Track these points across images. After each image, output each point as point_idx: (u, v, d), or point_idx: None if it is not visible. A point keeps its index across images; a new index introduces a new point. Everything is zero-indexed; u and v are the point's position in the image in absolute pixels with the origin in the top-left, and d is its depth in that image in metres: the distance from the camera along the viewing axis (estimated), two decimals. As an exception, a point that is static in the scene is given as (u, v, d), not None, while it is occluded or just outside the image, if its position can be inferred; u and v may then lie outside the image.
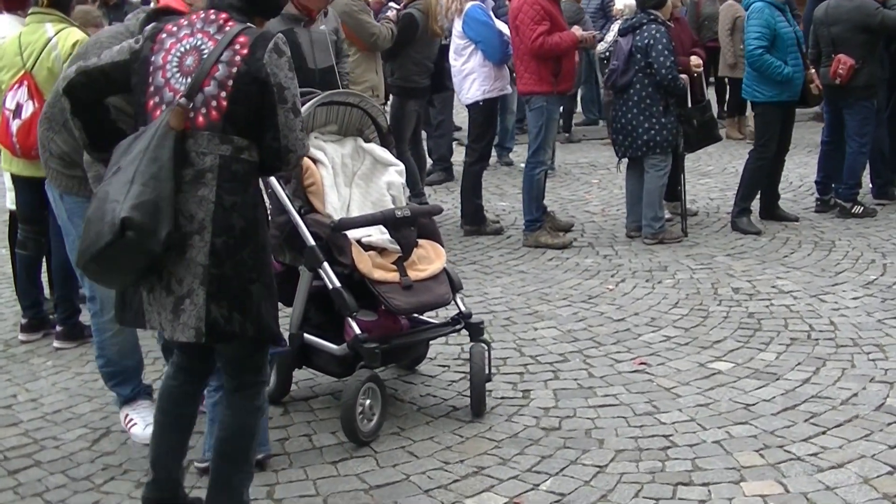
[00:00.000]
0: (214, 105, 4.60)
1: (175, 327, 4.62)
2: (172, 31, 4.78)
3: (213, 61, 4.61)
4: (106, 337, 6.27)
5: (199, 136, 4.59)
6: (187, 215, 4.57)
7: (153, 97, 4.68)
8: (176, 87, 4.63)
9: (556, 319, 8.17)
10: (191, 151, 4.58)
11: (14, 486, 5.82)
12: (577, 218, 11.52)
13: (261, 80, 4.63)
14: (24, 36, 7.67)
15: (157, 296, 4.65)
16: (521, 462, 5.78)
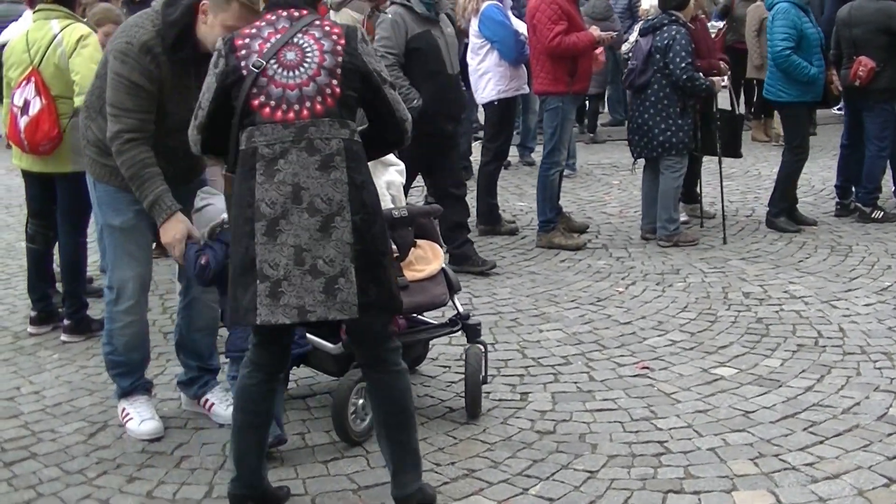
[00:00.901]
0: (329, 92, 4.84)
1: (330, 307, 4.77)
2: (253, 34, 4.94)
3: (318, 52, 4.86)
4: (116, 327, 6.24)
5: (321, 122, 4.82)
6: (325, 199, 4.78)
7: (259, 96, 4.83)
8: (282, 81, 4.83)
9: (562, 321, 8.12)
10: (315, 139, 4.80)
11: (9, 477, 5.84)
12: (594, 219, 11.48)
13: (361, 68, 4.94)
14: (31, 33, 7.73)
15: (296, 282, 4.76)
16: (512, 465, 5.74)
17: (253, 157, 4.80)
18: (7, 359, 7.75)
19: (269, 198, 4.75)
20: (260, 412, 5.20)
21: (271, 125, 4.79)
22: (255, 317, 4.78)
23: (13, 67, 7.84)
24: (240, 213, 4.84)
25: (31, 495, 5.63)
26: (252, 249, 4.77)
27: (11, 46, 7.93)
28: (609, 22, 14.91)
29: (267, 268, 4.75)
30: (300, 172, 4.76)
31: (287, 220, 4.75)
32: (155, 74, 5.64)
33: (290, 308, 4.76)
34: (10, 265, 10.35)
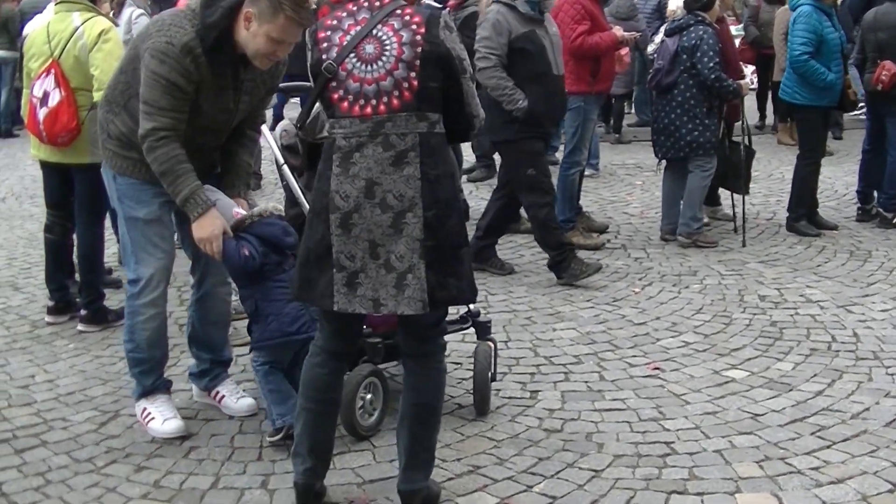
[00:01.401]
0: (406, 86, 4.80)
1: (399, 301, 4.82)
2: (334, 26, 4.94)
3: (397, 44, 4.82)
4: (138, 321, 6.23)
5: (397, 118, 4.81)
6: (397, 195, 4.80)
7: (338, 90, 4.87)
8: (360, 75, 4.83)
9: (576, 321, 8.14)
10: (391, 134, 4.81)
11: (19, 464, 5.90)
12: (615, 219, 11.49)
13: (443, 56, 4.86)
14: (52, 25, 7.78)
15: (372, 274, 4.84)
16: (517, 463, 5.76)
17: (331, 148, 4.88)
18: (23, 347, 7.82)
19: (343, 190, 4.82)
20: (335, 399, 5.31)
21: (349, 119, 4.84)
22: (332, 304, 4.87)
23: (34, 58, 7.89)
24: (318, 198, 4.93)
25: (40, 482, 5.68)
26: (328, 238, 4.85)
27: (32, 37, 7.98)
28: (633, 22, 14.89)
29: (344, 259, 4.84)
30: (374, 167, 4.80)
31: (360, 214, 4.81)
32: (194, 75, 5.63)
33: (365, 299, 4.86)
34: (31, 255, 10.43)
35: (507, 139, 9.06)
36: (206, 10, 5.59)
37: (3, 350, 7.77)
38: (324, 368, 5.18)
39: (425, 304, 4.84)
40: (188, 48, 5.57)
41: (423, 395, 5.14)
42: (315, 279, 4.92)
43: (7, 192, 14.03)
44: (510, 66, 8.89)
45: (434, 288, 4.84)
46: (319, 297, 4.93)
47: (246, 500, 5.42)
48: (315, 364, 5.19)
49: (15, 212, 12.75)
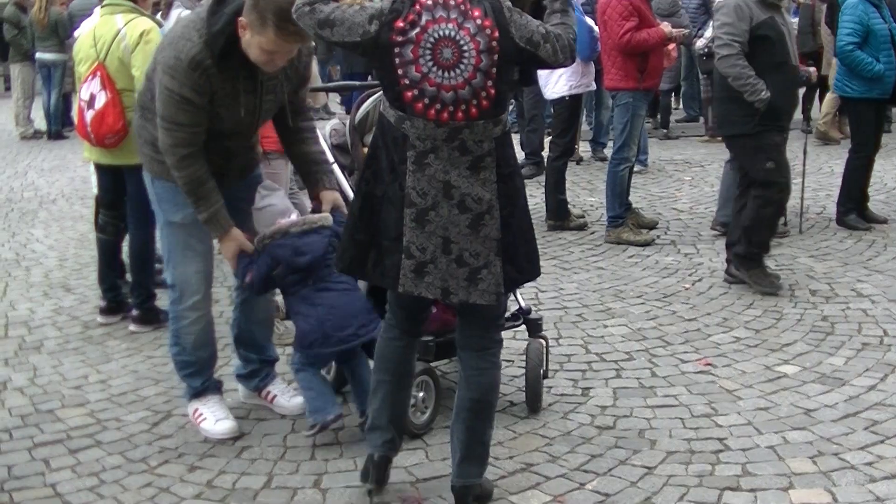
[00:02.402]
0: (484, 95, 4.80)
1: (471, 292, 4.93)
2: (413, 21, 4.78)
3: (475, 52, 4.76)
4: (183, 325, 6.25)
5: (475, 126, 4.82)
6: (476, 198, 4.86)
7: (411, 90, 4.78)
8: (437, 80, 4.76)
9: (627, 317, 8.12)
10: (467, 140, 4.83)
11: (73, 464, 5.94)
12: (664, 215, 11.46)
13: (516, 52, 4.85)
14: (98, 28, 7.85)
15: (442, 266, 4.90)
16: (570, 460, 5.75)
17: (404, 144, 4.85)
18: (76, 348, 7.87)
19: (420, 188, 4.84)
20: (410, 371, 5.48)
21: (424, 121, 4.79)
22: (398, 285, 4.95)
23: (82, 62, 7.96)
24: (392, 188, 4.91)
25: (94, 482, 5.71)
26: (401, 227, 4.89)
27: (80, 42, 8.06)
28: (676, 17, 14.84)
29: (414, 249, 4.89)
30: (451, 171, 4.83)
31: (437, 212, 4.85)
32: (206, 87, 5.58)
33: (433, 286, 4.94)
34: (83, 255, 10.51)
35: (745, 133, 8.76)
36: (211, 18, 5.53)
37: (56, 351, 7.82)
38: (399, 342, 5.34)
39: (499, 296, 4.99)
40: (196, 62, 5.50)
41: (480, 389, 5.18)
42: (377, 259, 5.00)
43: (57, 194, 14.14)
44: (750, 55, 8.63)
45: (510, 279, 5.03)
46: (382, 277, 5.02)
47: (299, 500, 5.43)
48: (390, 338, 5.34)
49: (65, 213, 12.84)
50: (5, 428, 6.45)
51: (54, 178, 15.45)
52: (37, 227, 12.11)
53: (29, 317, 8.67)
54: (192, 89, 5.53)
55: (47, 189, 14.57)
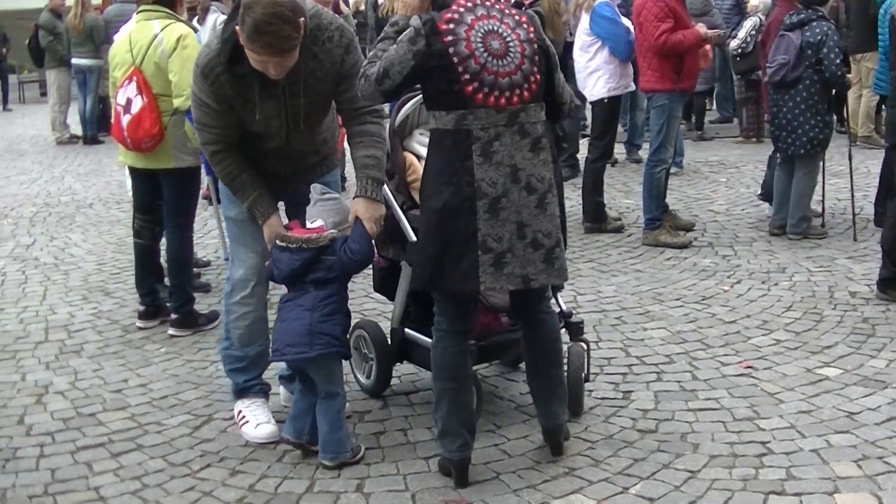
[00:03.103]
0: (532, 80, 5.29)
1: (550, 274, 5.35)
2: (457, 20, 5.20)
3: (518, 42, 5.29)
4: (231, 318, 6.31)
5: (528, 108, 5.28)
6: (539, 178, 5.28)
7: (471, 83, 5.15)
8: (493, 69, 5.18)
9: (666, 320, 8.10)
10: (525, 123, 5.26)
11: (115, 468, 5.97)
12: (700, 217, 11.42)
13: (547, 52, 5.45)
14: (134, 34, 7.89)
15: (519, 254, 5.24)
16: (613, 464, 5.73)
17: (468, 139, 5.15)
18: (116, 352, 7.91)
19: (489, 178, 5.15)
20: (469, 374, 5.69)
21: (485, 110, 5.15)
22: (479, 284, 5.21)
23: (117, 67, 8.00)
24: (456, 191, 5.17)
25: (137, 486, 5.74)
26: (473, 224, 5.16)
27: (116, 47, 8.11)
28: (708, 17, 14.80)
29: (491, 241, 5.17)
30: (515, 154, 5.20)
31: (508, 198, 5.18)
32: (220, 93, 5.63)
33: (514, 276, 5.25)
34: (120, 260, 10.55)
35: None
36: (226, 26, 5.56)
37: (96, 355, 7.85)
38: (456, 348, 5.52)
39: (567, 274, 5.51)
40: (207, 69, 5.58)
41: (547, 337, 5.70)
42: (453, 265, 5.20)
43: (94, 198, 14.20)
44: None
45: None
46: (461, 281, 5.22)
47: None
48: (447, 346, 5.51)
49: (103, 217, 12.90)
50: (48, 431, 6.49)
51: (91, 182, 15.53)
52: (74, 231, 12.17)
53: (69, 321, 8.71)
54: (207, 95, 5.66)
55: (84, 193, 14.64)
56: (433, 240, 5.23)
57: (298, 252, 5.70)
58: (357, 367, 6.85)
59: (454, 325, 5.49)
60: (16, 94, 29.06)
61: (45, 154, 18.88)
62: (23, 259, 10.92)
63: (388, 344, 6.60)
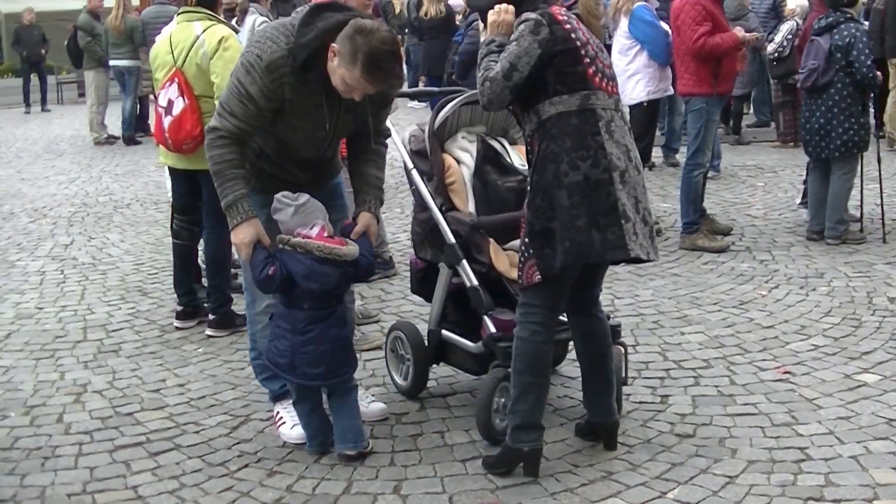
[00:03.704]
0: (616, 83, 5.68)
1: (652, 251, 5.58)
2: (566, 14, 5.59)
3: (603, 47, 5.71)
4: (257, 329, 6.31)
5: (619, 99, 5.66)
6: (637, 160, 5.58)
7: (591, 66, 5.47)
8: (603, 60, 5.57)
9: (704, 324, 8.07)
10: (622, 110, 5.65)
11: (153, 467, 5.99)
12: (738, 221, 11.37)
13: None
14: (175, 35, 7.90)
15: (638, 227, 5.45)
16: (650, 469, 5.72)
17: (594, 117, 5.39)
18: (153, 352, 7.94)
19: (616, 152, 5.39)
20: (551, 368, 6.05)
21: (602, 93, 5.45)
22: (629, 251, 5.41)
23: (159, 69, 8.02)
24: (593, 164, 5.34)
25: (175, 485, 5.76)
26: (614, 194, 5.35)
27: (157, 48, 8.13)
28: (744, 21, 14.75)
29: (628, 209, 5.39)
30: (625, 136, 5.49)
31: (628, 173, 5.43)
32: (277, 93, 5.54)
33: (643, 247, 5.50)
34: (158, 260, 10.61)
35: None
36: (302, 28, 5.48)
37: (133, 354, 7.89)
38: (548, 344, 5.64)
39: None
40: (274, 66, 5.46)
41: (604, 337, 5.86)
42: (601, 237, 5.33)
43: (132, 199, 14.27)
44: None
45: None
46: (611, 251, 5.39)
47: (378, 506, 5.46)
48: (540, 342, 5.60)
49: (140, 217, 12.96)
50: (86, 430, 6.52)
51: (128, 182, 15.60)
52: (112, 231, 12.24)
53: (107, 320, 8.76)
54: (260, 90, 5.50)
55: (122, 194, 14.71)
56: (581, 212, 5.31)
57: (343, 265, 5.66)
58: (393, 369, 6.87)
59: (550, 318, 5.62)
60: (54, 95, 29.18)
61: (83, 154, 18.97)
62: (61, 259, 10.99)
63: (426, 345, 6.59)
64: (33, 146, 20.37)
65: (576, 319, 5.89)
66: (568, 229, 5.33)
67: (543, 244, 5.40)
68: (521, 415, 5.56)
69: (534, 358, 5.58)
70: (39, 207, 13.91)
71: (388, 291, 8.92)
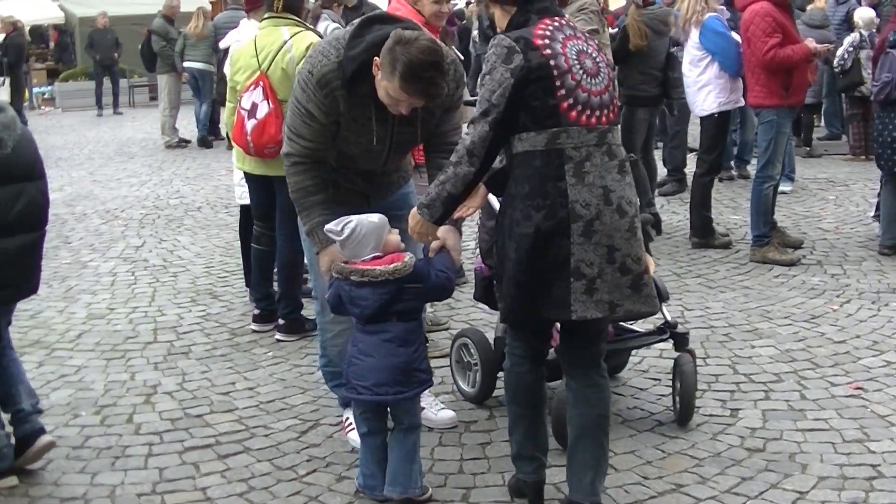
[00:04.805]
0: (615, 103, 5.12)
1: (636, 301, 5.03)
2: (549, 35, 4.98)
3: (604, 65, 5.11)
4: (328, 337, 6.32)
5: (613, 130, 5.05)
6: (628, 201, 4.99)
7: (567, 99, 4.89)
8: (588, 87, 4.95)
9: (774, 338, 8.01)
10: (612, 144, 5.00)
11: (223, 469, 6.06)
12: (809, 235, 11.27)
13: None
14: (260, 39, 7.92)
15: (608, 278, 4.92)
16: (720, 482, 5.69)
17: (559, 159, 4.87)
18: (224, 354, 8.01)
19: (583, 199, 4.85)
20: (544, 398, 5.48)
21: (578, 128, 4.89)
22: (570, 313, 4.91)
23: (240, 71, 8.06)
24: (548, 214, 4.86)
25: (244, 488, 5.81)
26: (566, 249, 4.86)
27: (239, 51, 8.18)
28: (825, 31, 14.64)
29: (584, 266, 4.87)
30: (606, 176, 4.91)
31: (601, 220, 4.87)
32: (332, 107, 5.55)
33: (602, 303, 4.93)
34: (228, 263, 10.67)
35: None
36: (352, 41, 5.48)
37: (203, 357, 7.96)
38: (531, 374, 5.32)
39: (657, 303, 5.20)
40: (325, 80, 5.48)
41: (602, 404, 5.24)
42: (544, 293, 4.93)
43: (203, 202, 14.36)
44: None
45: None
46: (553, 308, 4.94)
47: (447, 513, 5.45)
48: (523, 372, 5.31)
49: (211, 221, 13.06)
50: (156, 431, 6.60)
51: (199, 186, 15.70)
52: (183, 234, 12.34)
53: (177, 322, 8.84)
54: (317, 106, 5.52)
55: (192, 197, 14.82)
56: (525, 268, 4.93)
57: (384, 285, 5.43)
58: (460, 376, 6.88)
59: (530, 350, 5.31)
60: (126, 98, 29.44)
61: (154, 157, 19.12)
62: (132, 260, 11.09)
63: (493, 352, 6.60)
64: (105, 148, 20.57)
65: (570, 382, 5.35)
66: (510, 285, 5.01)
67: (499, 289, 5.16)
68: (515, 445, 5.40)
69: (516, 389, 5.35)
70: (111, 209, 14.06)
71: (458, 299, 8.92)
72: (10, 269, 5.76)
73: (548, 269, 4.90)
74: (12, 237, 5.70)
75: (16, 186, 5.70)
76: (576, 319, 4.92)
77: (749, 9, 9.99)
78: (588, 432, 5.18)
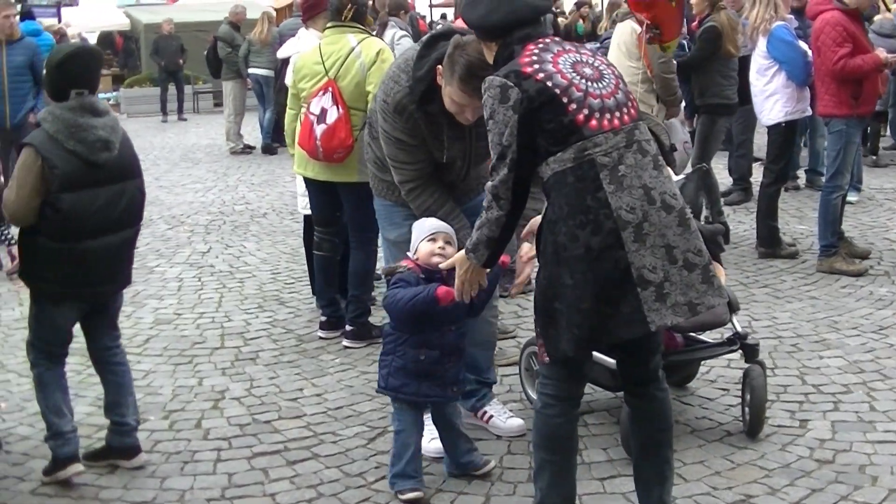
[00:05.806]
0: (631, 98, 4.96)
1: (712, 294, 4.81)
2: (536, 59, 4.83)
3: (602, 64, 4.98)
4: None
5: (639, 125, 4.89)
6: (671, 194, 4.81)
7: (580, 111, 4.74)
8: (596, 91, 4.80)
9: (843, 349, 7.95)
10: (641, 140, 4.82)
11: (291, 475, 6.10)
12: (876, 245, 11.17)
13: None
14: (325, 46, 8.01)
15: (676, 279, 4.71)
16: (790, 493, 5.67)
17: (593, 169, 4.69)
18: (291, 361, 8.05)
19: (625, 203, 4.67)
20: (575, 445, 5.19)
21: (603, 135, 4.72)
22: (648, 325, 4.70)
23: (305, 79, 8.14)
24: (594, 229, 4.66)
25: (313, 495, 5.85)
26: (624, 260, 4.65)
27: (304, 59, 8.28)
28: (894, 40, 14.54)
29: (647, 272, 4.67)
30: (642, 174, 4.73)
31: (649, 221, 4.68)
32: (414, 130, 5.72)
33: (679, 306, 4.73)
34: (294, 270, 10.71)
35: None
36: (418, 62, 5.62)
37: (271, 363, 8.01)
38: (562, 418, 5.04)
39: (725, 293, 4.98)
40: (401, 106, 5.65)
41: (663, 418, 5.13)
42: (613, 313, 4.70)
43: (268, 208, 14.42)
44: None
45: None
46: (626, 327, 4.71)
47: (517, 521, 5.45)
48: (552, 415, 5.04)
49: (276, 227, 13.11)
50: (224, 436, 6.65)
51: (264, 192, 15.77)
52: (249, 240, 12.40)
53: (244, 328, 8.89)
54: (401, 131, 5.70)
55: (257, 203, 14.88)
56: (584, 293, 4.69)
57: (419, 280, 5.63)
58: (529, 385, 6.87)
59: (564, 391, 5.03)
60: (190, 104, 29.62)
61: (219, 163, 19.22)
62: (199, 266, 11.17)
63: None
64: (170, 154, 20.69)
65: (629, 397, 5.30)
66: (572, 313, 4.73)
67: (548, 324, 4.84)
68: (539, 493, 5.13)
69: (545, 433, 5.05)
70: (177, 215, 14.14)
71: (525, 307, 8.91)
72: (115, 263, 6.07)
73: (610, 286, 4.68)
74: (117, 233, 5.99)
75: (120, 185, 5.98)
76: (655, 330, 4.75)
77: (820, 17, 9.93)
78: (651, 449, 5.12)
